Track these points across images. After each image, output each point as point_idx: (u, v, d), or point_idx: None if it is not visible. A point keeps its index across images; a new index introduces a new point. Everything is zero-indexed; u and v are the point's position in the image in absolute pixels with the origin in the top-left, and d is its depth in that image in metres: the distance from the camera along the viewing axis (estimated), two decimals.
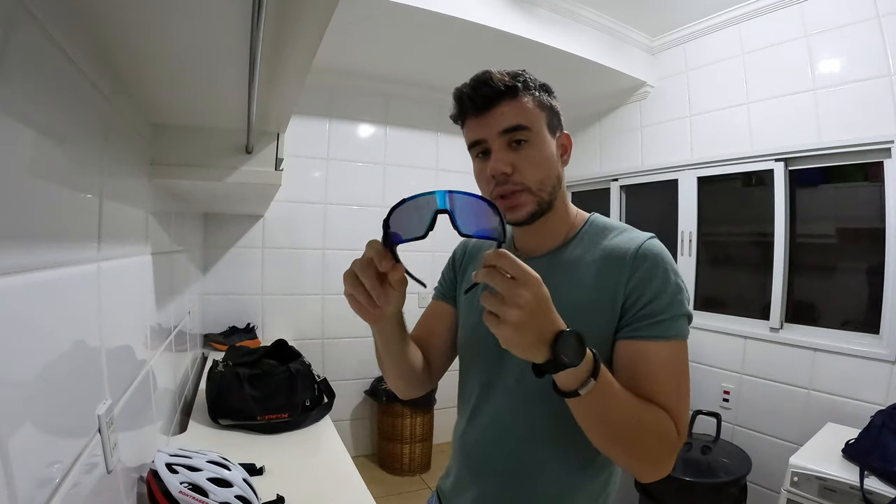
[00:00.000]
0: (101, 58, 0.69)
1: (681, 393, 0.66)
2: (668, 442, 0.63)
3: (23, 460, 0.45)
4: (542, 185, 0.71)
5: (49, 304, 0.55)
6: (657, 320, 0.65)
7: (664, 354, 0.65)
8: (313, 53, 0.77)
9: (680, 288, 0.68)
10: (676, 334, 0.66)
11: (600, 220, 0.78)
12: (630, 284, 0.67)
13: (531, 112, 0.71)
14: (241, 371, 1.55)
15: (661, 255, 0.68)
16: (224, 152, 1.16)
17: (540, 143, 0.71)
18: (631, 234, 0.73)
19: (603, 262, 0.70)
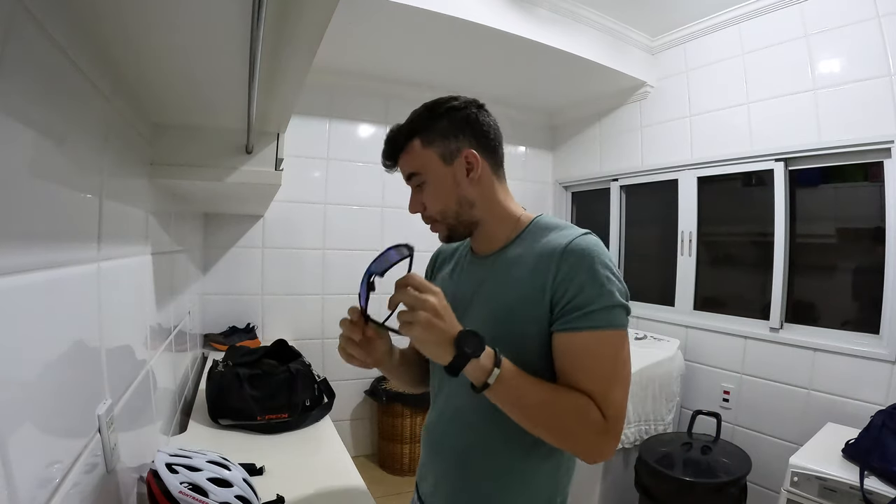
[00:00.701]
0: (101, 58, 0.69)
1: (611, 379, 0.70)
2: (588, 423, 0.68)
3: (23, 460, 0.45)
4: (444, 215, 0.82)
5: (49, 304, 0.55)
6: (584, 312, 0.70)
7: (592, 344, 0.70)
8: (313, 53, 0.77)
9: (608, 280, 0.71)
10: (605, 325, 0.70)
11: (544, 220, 0.83)
12: (557, 279, 0.72)
13: (420, 156, 0.81)
14: (241, 371, 1.55)
15: (588, 250, 0.72)
16: (224, 152, 1.16)
17: (434, 181, 0.81)
18: (565, 232, 0.77)
19: (537, 259, 0.76)
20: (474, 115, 0.83)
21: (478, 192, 0.82)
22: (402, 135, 0.82)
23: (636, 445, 2.19)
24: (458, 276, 0.89)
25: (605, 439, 0.70)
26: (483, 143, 0.83)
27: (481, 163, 0.81)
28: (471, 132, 0.82)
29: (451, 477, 0.84)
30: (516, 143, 3.54)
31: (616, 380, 0.71)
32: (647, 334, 2.72)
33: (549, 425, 0.70)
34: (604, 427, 0.69)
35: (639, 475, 2.07)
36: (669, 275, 2.79)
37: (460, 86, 3.03)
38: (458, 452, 0.83)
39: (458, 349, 0.64)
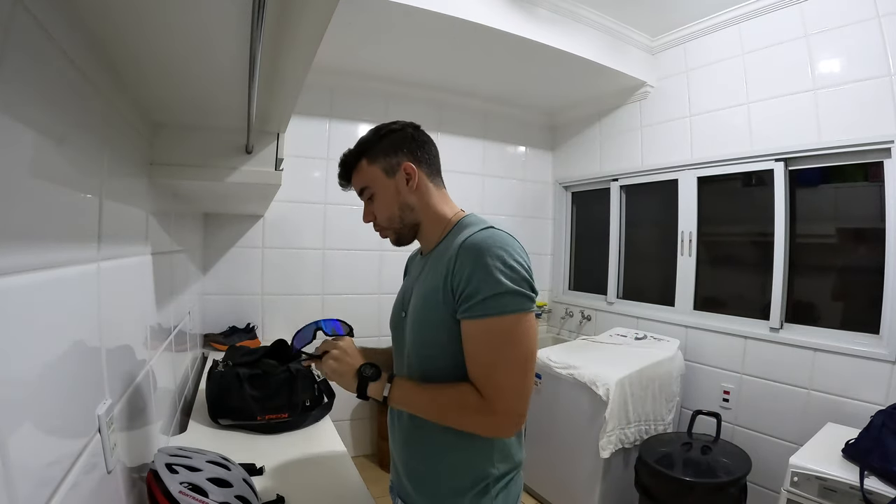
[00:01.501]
0: (101, 58, 0.69)
1: (493, 363, 0.80)
2: (467, 408, 0.81)
3: (23, 460, 0.45)
4: (391, 220, 0.95)
5: (49, 304, 0.55)
6: (471, 303, 0.79)
7: (476, 331, 0.80)
8: (313, 53, 0.77)
9: (497, 269, 0.78)
10: (492, 312, 0.78)
11: (467, 219, 0.94)
12: (453, 272, 0.82)
13: (367, 173, 0.95)
14: (241, 371, 1.55)
15: (478, 245, 0.81)
16: (224, 152, 1.16)
17: (380, 192, 0.95)
18: (470, 230, 0.86)
19: (444, 255, 0.87)
20: (410, 133, 0.96)
21: (416, 198, 0.94)
22: (352, 156, 0.97)
23: (636, 445, 2.19)
24: (411, 272, 1.06)
25: (490, 418, 0.80)
26: (419, 155, 0.95)
27: (417, 173, 0.94)
28: (408, 148, 0.95)
29: (401, 455, 0.97)
30: (516, 143, 3.54)
31: (496, 364, 0.79)
32: (647, 334, 2.72)
33: (439, 419, 0.85)
34: (483, 407, 0.79)
35: (639, 475, 2.07)
36: (669, 275, 2.79)
37: (460, 86, 3.03)
38: (404, 432, 0.96)
39: (360, 378, 0.87)
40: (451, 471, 0.88)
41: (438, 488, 0.90)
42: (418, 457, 0.93)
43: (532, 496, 2.54)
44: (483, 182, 3.36)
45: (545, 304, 3.68)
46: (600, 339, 2.82)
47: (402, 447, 0.96)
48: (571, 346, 2.70)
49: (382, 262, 3.03)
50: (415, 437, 0.93)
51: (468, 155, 3.32)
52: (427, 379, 0.89)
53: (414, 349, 0.91)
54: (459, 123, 3.28)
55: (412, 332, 0.92)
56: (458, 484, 0.87)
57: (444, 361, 0.87)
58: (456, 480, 0.88)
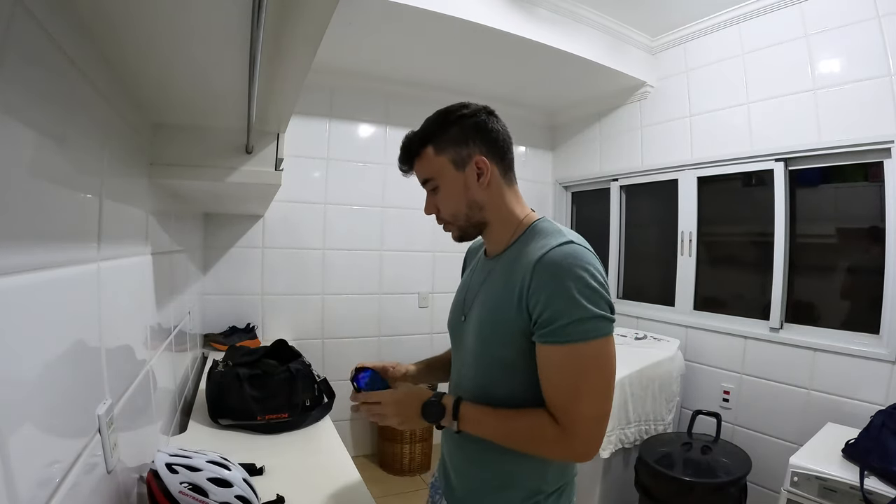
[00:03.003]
0: (101, 58, 0.69)
1: (573, 392, 0.75)
2: (543, 439, 0.77)
3: (23, 460, 0.45)
4: (456, 217, 0.88)
5: (49, 304, 0.55)
6: (552, 328, 0.74)
7: (558, 357, 0.75)
8: (313, 53, 0.77)
9: (580, 292, 0.73)
10: (575, 338, 0.73)
11: (541, 225, 0.87)
12: (529, 291, 0.77)
13: (433, 163, 0.86)
14: (241, 371, 1.55)
15: (559, 263, 0.75)
16: (224, 152, 1.16)
17: (447, 185, 0.86)
18: (546, 241, 0.80)
19: (518, 266, 0.81)
20: (483, 121, 0.87)
21: (487, 196, 0.87)
22: (416, 142, 0.87)
23: (636, 445, 2.19)
24: (471, 275, 0.97)
25: (564, 447, 0.76)
26: (492, 149, 0.87)
27: (490, 168, 0.86)
28: (480, 139, 0.86)
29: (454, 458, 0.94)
30: (516, 143, 3.49)
31: (579, 392, 0.75)
32: (647, 334, 2.72)
33: (511, 445, 0.81)
34: (560, 437, 0.75)
35: (639, 475, 2.07)
36: (669, 275, 2.79)
37: (460, 86, 3.03)
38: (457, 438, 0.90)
39: (426, 419, 0.83)
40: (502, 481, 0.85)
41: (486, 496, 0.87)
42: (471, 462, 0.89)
43: None
44: None
45: None
46: None
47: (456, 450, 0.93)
48: None
49: (383, 262, 3.02)
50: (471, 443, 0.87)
51: None
52: (485, 392, 0.84)
53: (475, 360, 0.87)
54: None
55: (475, 341, 0.86)
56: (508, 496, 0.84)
57: (508, 378, 0.82)
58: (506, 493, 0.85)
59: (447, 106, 0.89)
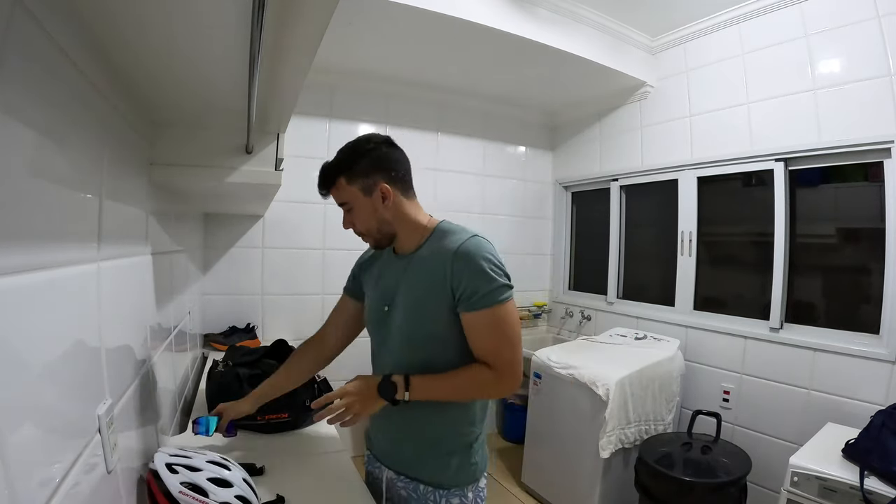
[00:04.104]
0: (101, 58, 0.69)
1: (497, 341, 0.99)
2: (483, 384, 1.01)
3: (23, 460, 0.45)
4: (369, 230, 1.07)
5: (49, 305, 0.55)
6: (475, 298, 0.97)
7: (482, 319, 0.98)
8: (313, 53, 0.77)
9: (490, 269, 0.97)
10: (491, 303, 0.97)
11: (444, 226, 1.08)
12: (453, 275, 0.98)
13: (346, 191, 1.05)
14: (241, 371, 1.55)
15: (471, 251, 0.98)
16: (224, 152, 1.16)
17: (359, 209, 1.05)
18: (456, 237, 1.02)
19: (436, 259, 1.02)
20: (385, 152, 1.06)
21: (392, 214, 1.06)
22: (332, 173, 1.05)
23: (636, 445, 2.19)
24: (384, 269, 1.15)
25: (501, 384, 1.01)
26: (393, 175, 1.05)
27: (392, 192, 1.04)
28: (383, 168, 1.05)
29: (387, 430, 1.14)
30: (516, 143, 3.54)
31: (502, 341, 0.99)
32: (647, 334, 2.72)
33: (458, 399, 1.05)
34: (495, 379, 1.00)
35: (639, 475, 2.07)
36: (669, 275, 2.79)
37: (460, 86, 3.03)
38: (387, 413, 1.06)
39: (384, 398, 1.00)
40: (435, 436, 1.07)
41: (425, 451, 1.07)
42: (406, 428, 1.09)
43: (532, 496, 2.54)
44: (483, 182, 3.36)
45: (545, 304, 3.68)
46: (600, 339, 2.82)
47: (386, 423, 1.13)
48: (571, 347, 2.70)
49: None
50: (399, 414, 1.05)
51: (468, 155, 3.32)
52: (427, 364, 1.03)
53: (408, 340, 1.05)
54: (459, 123, 3.27)
55: (408, 324, 1.04)
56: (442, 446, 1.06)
57: (441, 348, 1.03)
58: (440, 444, 1.06)
59: (356, 139, 1.08)
